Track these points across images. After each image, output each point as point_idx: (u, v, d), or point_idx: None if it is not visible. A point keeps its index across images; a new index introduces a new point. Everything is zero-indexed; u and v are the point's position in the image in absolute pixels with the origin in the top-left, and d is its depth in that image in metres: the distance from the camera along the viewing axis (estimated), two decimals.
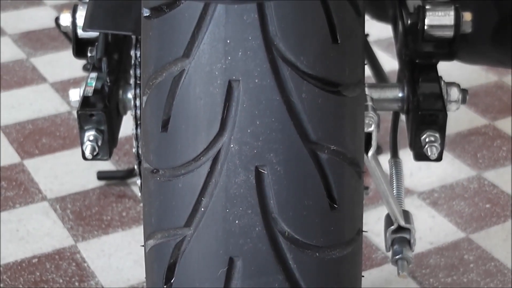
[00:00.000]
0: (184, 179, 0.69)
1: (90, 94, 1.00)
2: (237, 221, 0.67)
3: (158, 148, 0.71)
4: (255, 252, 0.68)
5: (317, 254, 0.69)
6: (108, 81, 1.02)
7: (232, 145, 0.67)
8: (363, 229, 0.75)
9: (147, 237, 0.73)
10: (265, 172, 0.67)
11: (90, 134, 0.99)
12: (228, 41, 0.67)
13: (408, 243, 0.95)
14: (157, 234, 0.71)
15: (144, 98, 0.73)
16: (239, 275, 0.68)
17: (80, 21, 1.02)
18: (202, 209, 0.68)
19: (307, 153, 0.68)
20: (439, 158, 0.96)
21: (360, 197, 0.73)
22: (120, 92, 1.05)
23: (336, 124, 0.69)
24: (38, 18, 2.42)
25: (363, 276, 0.76)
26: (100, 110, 0.99)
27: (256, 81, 0.67)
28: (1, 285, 1.43)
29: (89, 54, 1.04)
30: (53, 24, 1.42)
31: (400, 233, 0.95)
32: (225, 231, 0.68)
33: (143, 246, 0.74)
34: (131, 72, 1.05)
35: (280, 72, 0.67)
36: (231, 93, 0.67)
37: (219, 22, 0.67)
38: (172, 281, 0.70)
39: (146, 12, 0.72)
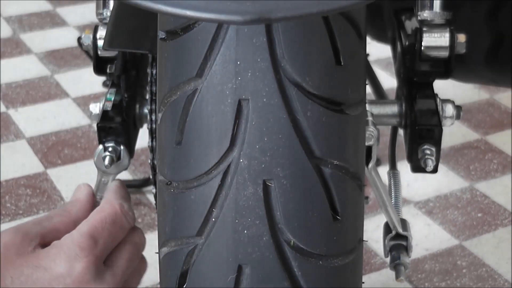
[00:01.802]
0: (196, 191, 0.68)
1: (109, 109, 1.00)
2: (245, 231, 0.67)
3: (172, 162, 0.70)
4: (262, 260, 0.67)
5: (321, 262, 0.68)
6: (126, 96, 1.02)
7: (241, 160, 0.67)
8: (363, 238, 0.75)
9: (161, 245, 0.72)
10: (272, 186, 0.67)
11: (108, 146, 0.98)
12: (239, 63, 0.67)
13: (405, 249, 0.95)
14: (171, 242, 0.71)
15: (160, 115, 0.72)
16: (247, 281, 0.67)
17: (100, 40, 1.02)
18: (213, 219, 0.68)
19: (311, 167, 0.67)
20: (434, 170, 0.95)
21: (361, 209, 0.73)
22: (137, 106, 1.05)
23: (339, 141, 0.69)
24: (62, 38, 2.42)
25: (363, 283, 0.76)
26: (118, 124, 0.98)
27: (265, 100, 0.66)
28: None
29: (108, 71, 1.04)
30: (75, 44, 1.42)
31: (397, 240, 0.94)
32: (234, 240, 0.67)
33: (157, 253, 0.74)
34: (147, 88, 1.04)
35: (287, 92, 0.66)
36: (241, 111, 0.67)
37: (230, 44, 0.67)
38: (184, 286, 0.70)
39: (161, 35, 0.71)
